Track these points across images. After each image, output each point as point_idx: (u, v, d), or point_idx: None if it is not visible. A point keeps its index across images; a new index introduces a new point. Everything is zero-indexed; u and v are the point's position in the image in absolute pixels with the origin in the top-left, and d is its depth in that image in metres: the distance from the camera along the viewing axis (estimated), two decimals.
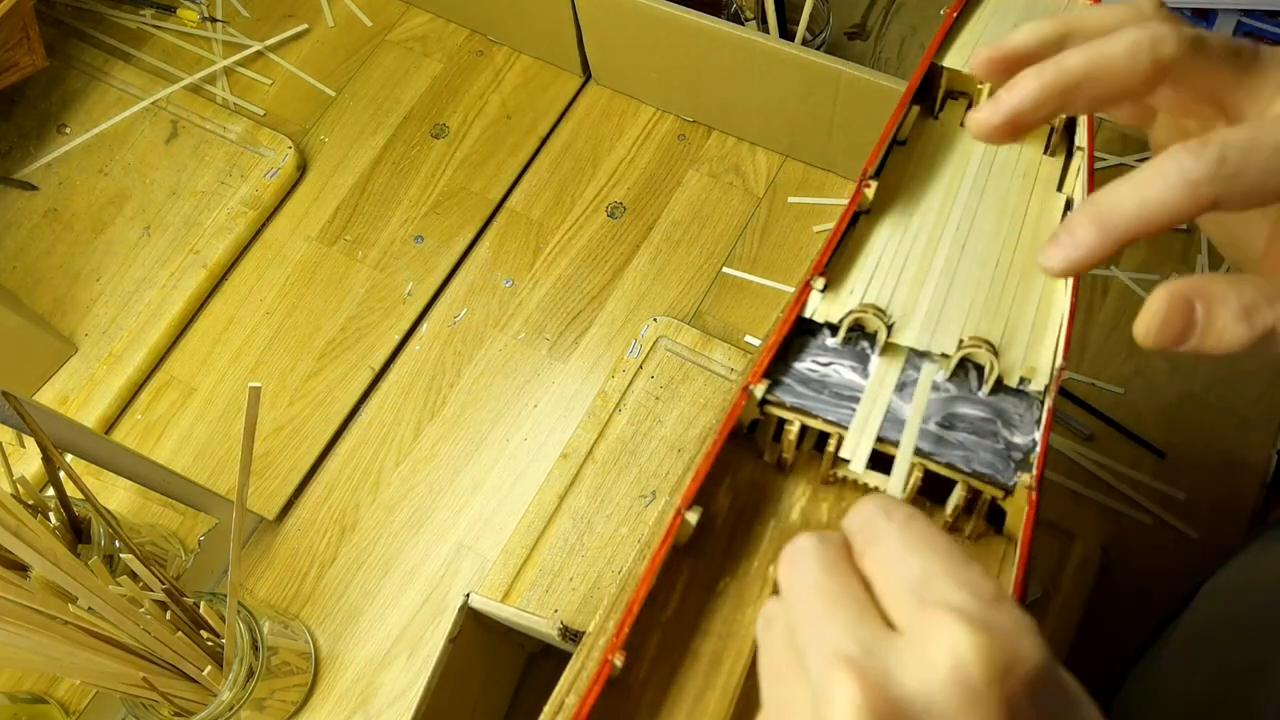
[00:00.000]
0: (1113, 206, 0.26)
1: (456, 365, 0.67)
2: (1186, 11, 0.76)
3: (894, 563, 0.24)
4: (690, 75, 0.69)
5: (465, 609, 0.46)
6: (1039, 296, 0.36)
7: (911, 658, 0.22)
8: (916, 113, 0.42)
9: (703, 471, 0.33)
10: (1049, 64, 0.27)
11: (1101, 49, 0.27)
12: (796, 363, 0.35)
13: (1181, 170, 0.25)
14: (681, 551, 0.34)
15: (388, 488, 0.64)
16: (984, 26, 0.43)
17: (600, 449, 0.62)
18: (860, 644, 0.22)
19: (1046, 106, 0.28)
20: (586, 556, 0.59)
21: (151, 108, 0.76)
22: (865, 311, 0.35)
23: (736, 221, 0.70)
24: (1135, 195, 0.26)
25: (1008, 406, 0.33)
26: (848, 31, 0.78)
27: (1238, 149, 0.25)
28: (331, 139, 0.75)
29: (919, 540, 0.24)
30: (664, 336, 0.65)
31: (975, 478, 0.32)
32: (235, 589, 0.47)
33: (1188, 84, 0.27)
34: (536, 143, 0.74)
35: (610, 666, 0.30)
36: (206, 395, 0.67)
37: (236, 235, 0.71)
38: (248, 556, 0.62)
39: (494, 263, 0.70)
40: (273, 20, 0.80)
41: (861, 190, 0.38)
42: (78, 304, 0.70)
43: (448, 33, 0.79)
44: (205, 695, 0.49)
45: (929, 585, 0.23)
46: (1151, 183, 0.25)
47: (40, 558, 0.40)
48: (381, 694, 0.58)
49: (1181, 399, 0.62)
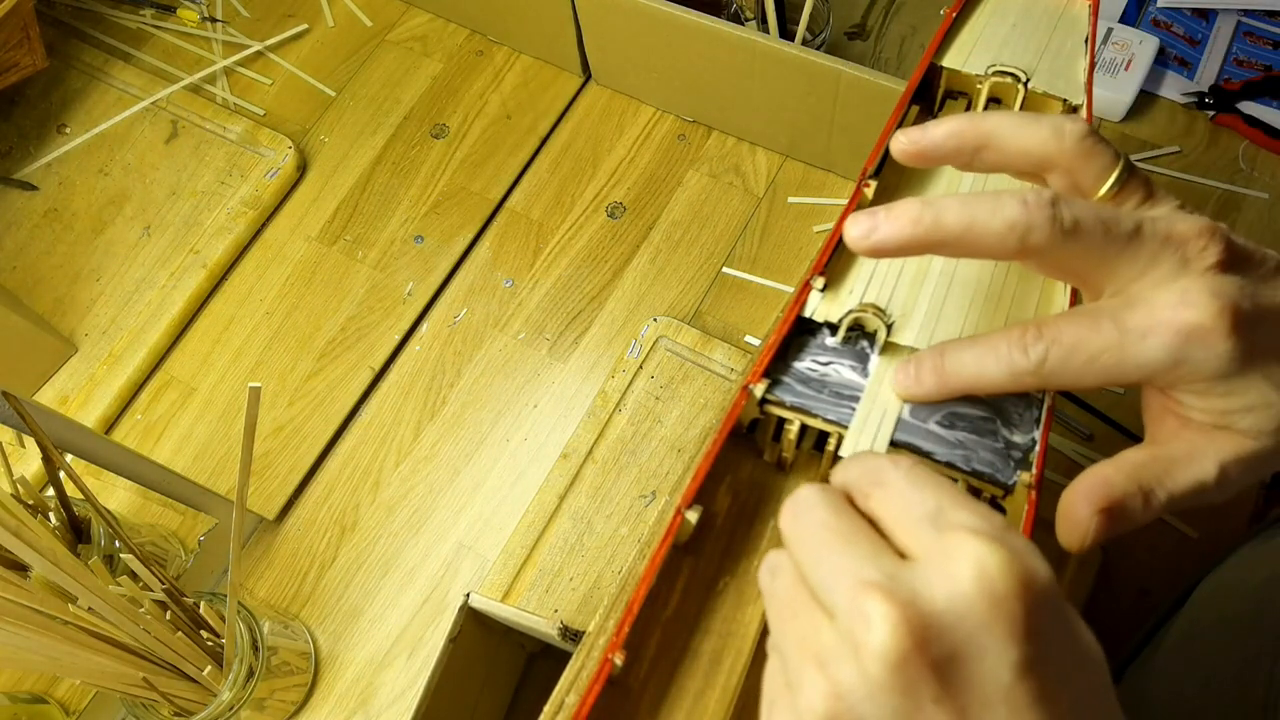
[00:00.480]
0: (955, 368, 0.31)
1: (456, 365, 0.67)
2: (1186, 11, 0.76)
3: (905, 499, 0.26)
4: (690, 75, 0.69)
5: (465, 609, 0.46)
6: (1038, 296, 0.36)
7: (936, 576, 0.23)
8: (916, 112, 0.42)
9: (703, 471, 0.33)
10: (929, 212, 0.29)
11: (979, 219, 0.28)
12: (796, 362, 0.35)
13: (1010, 360, 0.29)
14: (681, 551, 0.34)
15: (388, 488, 0.64)
16: (983, 26, 0.43)
17: (600, 449, 0.62)
18: (881, 570, 0.24)
19: (912, 249, 0.29)
20: (586, 556, 0.59)
21: (151, 108, 0.76)
22: (865, 311, 0.35)
23: (736, 221, 0.70)
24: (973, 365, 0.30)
25: (1007, 405, 0.33)
26: (848, 31, 0.78)
27: (1059, 352, 0.29)
28: (331, 139, 0.75)
29: (926, 479, 0.26)
30: (664, 336, 0.65)
31: (975, 477, 0.32)
32: (235, 589, 0.47)
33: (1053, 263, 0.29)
34: (536, 143, 0.74)
35: (610, 666, 0.30)
36: (206, 395, 0.67)
37: (236, 235, 0.71)
38: (248, 556, 0.62)
39: (494, 263, 0.70)
40: (273, 20, 0.81)
41: (861, 190, 0.38)
42: (78, 304, 0.70)
43: (448, 33, 0.79)
44: (205, 695, 0.49)
45: (943, 514, 0.25)
46: (986, 358, 0.30)
47: (40, 558, 0.40)
48: (381, 694, 0.58)
49: None
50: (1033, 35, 0.42)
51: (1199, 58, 0.74)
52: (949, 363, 0.31)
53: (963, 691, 0.22)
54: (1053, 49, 0.42)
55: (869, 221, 0.29)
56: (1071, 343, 0.28)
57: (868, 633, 0.22)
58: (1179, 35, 0.75)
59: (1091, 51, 0.42)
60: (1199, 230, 0.28)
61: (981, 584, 0.23)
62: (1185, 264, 0.28)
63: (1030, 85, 0.40)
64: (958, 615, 0.23)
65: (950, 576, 0.23)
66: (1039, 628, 0.23)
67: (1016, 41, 0.42)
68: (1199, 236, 0.28)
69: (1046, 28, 0.43)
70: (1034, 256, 0.28)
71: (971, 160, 0.31)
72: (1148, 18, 0.76)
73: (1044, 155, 0.30)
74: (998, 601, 0.22)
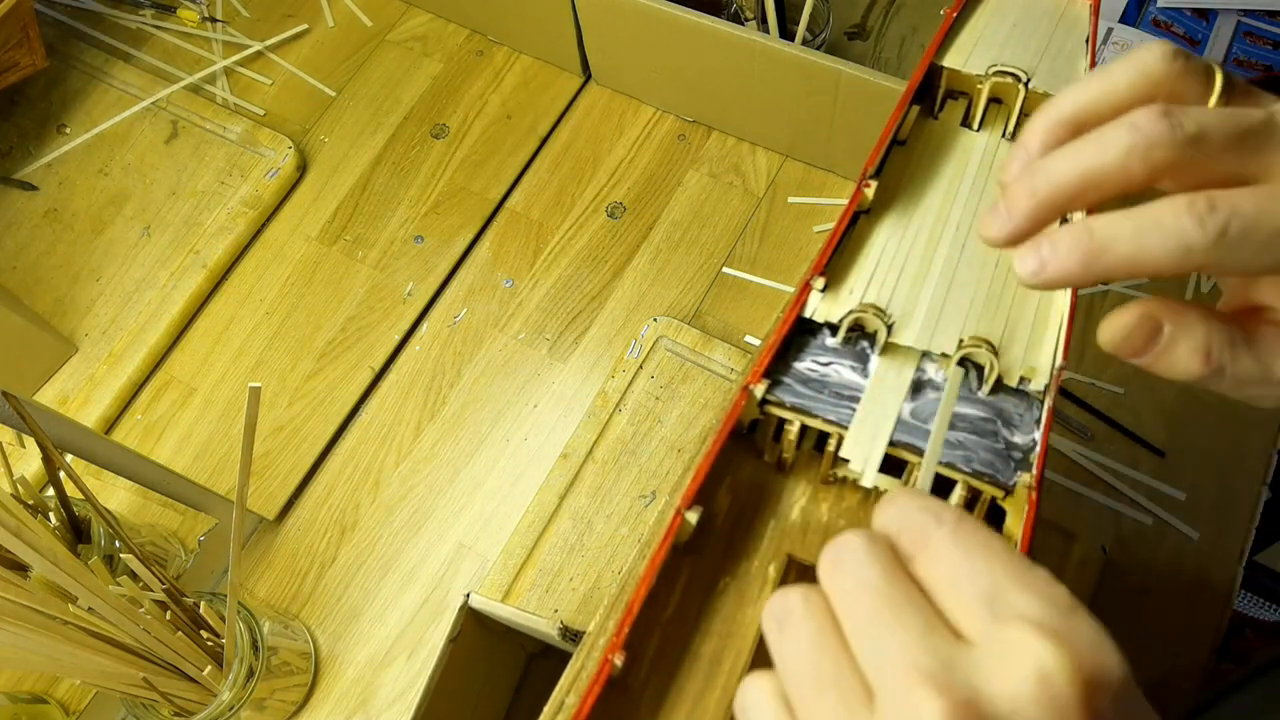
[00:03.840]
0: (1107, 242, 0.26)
1: (456, 365, 0.67)
2: (1186, 11, 0.76)
3: (955, 570, 0.23)
4: (690, 75, 0.69)
5: (465, 609, 0.46)
6: (1039, 296, 0.36)
7: (994, 673, 0.21)
8: (916, 112, 0.42)
9: (703, 471, 0.33)
10: (1041, 178, 0.27)
11: (1093, 159, 0.26)
12: (796, 362, 0.35)
13: (1182, 233, 0.25)
14: (681, 551, 0.34)
15: (388, 488, 0.64)
16: (984, 26, 0.43)
17: (600, 449, 0.62)
18: (936, 657, 0.22)
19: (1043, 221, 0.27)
20: (586, 556, 0.59)
21: (151, 108, 0.76)
22: (865, 311, 0.35)
23: (736, 221, 0.70)
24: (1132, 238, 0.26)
25: (1008, 406, 0.33)
26: (848, 31, 0.78)
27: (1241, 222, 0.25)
28: (331, 139, 0.75)
29: (976, 545, 0.23)
30: (664, 336, 0.65)
31: (975, 477, 0.32)
32: (235, 589, 0.47)
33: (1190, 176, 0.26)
34: (536, 143, 0.74)
35: (610, 666, 0.30)
36: (206, 395, 0.67)
37: (236, 235, 0.71)
38: (248, 556, 0.62)
39: (494, 263, 0.70)
40: (273, 20, 0.81)
41: (861, 190, 0.38)
42: (78, 304, 0.70)
43: (448, 33, 0.79)
44: (205, 695, 0.49)
45: (1000, 595, 0.22)
46: (1150, 232, 0.25)
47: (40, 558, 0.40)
48: (381, 694, 0.58)
49: (1181, 399, 0.62)
50: (1033, 35, 0.42)
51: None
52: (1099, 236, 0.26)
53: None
54: (1053, 49, 0.42)
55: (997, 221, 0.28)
56: (1253, 213, 0.25)
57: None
58: (1179, 35, 0.75)
59: (1092, 51, 0.42)
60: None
61: (1045, 690, 0.20)
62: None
63: (1031, 85, 0.40)
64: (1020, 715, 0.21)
65: (1008, 675, 0.21)
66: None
67: (1017, 41, 0.42)
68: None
69: (1047, 28, 0.43)
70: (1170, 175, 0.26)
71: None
72: (1148, 18, 0.76)
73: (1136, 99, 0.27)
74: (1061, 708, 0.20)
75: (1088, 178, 0.26)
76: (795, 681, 0.24)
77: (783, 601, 0.25)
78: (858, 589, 0.23)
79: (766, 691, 0.25)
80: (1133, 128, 0.25)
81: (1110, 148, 0.26)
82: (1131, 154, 0.25)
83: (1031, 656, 0.21)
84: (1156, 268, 0.26)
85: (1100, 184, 0.26)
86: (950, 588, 0.23)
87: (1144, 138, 0.25)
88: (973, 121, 0.41)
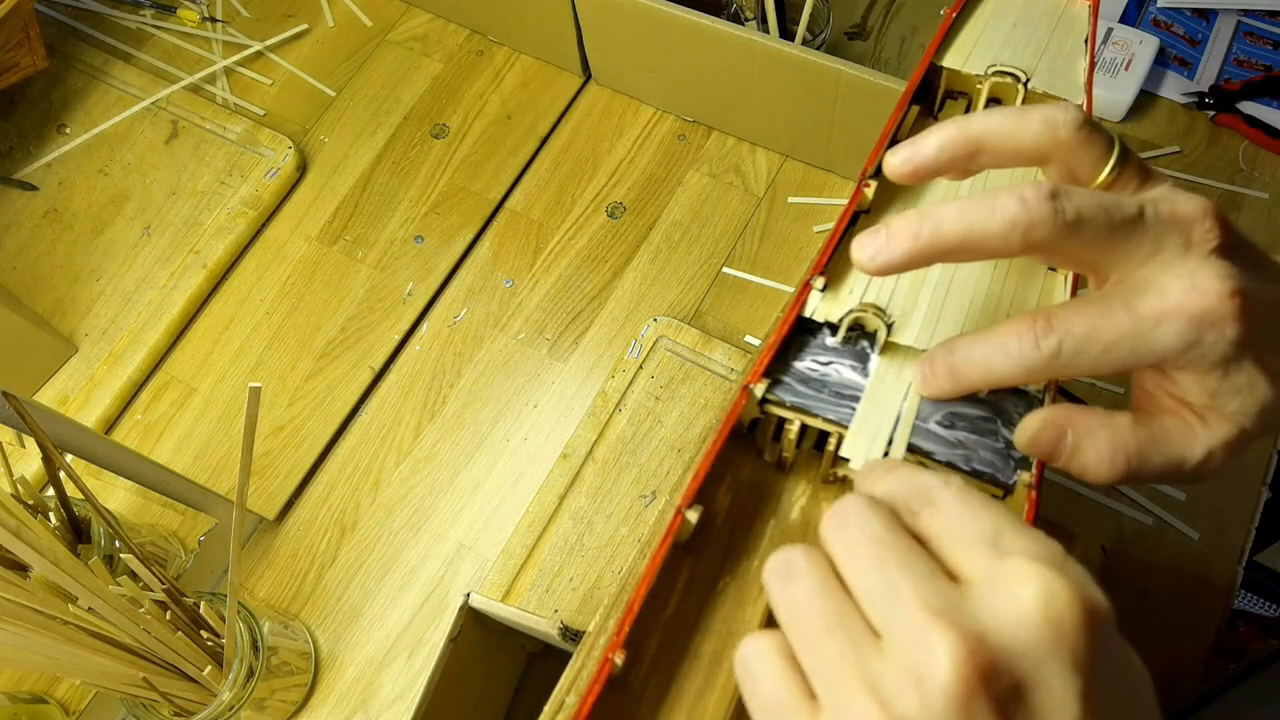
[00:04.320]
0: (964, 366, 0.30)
1: (456, 365, 0.67)
2: (1186, 11, 0.76)
3: (961, 519, 0.25)
4: (690, 75, 0.69)
5: (465, 609, 0.46)
6: (1038, 296, 0.36)
7: (999, 603, 0.22)
8: (916, 112, 0.42)
9: (703, 471, 0.33)
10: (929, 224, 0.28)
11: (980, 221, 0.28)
12: (796, 362, 0.35)
13: (1023, 355, 0.28)
14: (682, 551, 0.34)
15: (388, 488, 0.64)
16: (984, 27, 0.43)
17: (600, 449, 0.62)
18: (943, 597, 0.23)
19: (918, 262, 0.29)
20: (586, 556, 0.59)
21: (151, 108, 0.76)
22: (865, 311, 0.35)
23: (736, 221, 0.70)
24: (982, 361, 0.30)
25: (1008, 405, 0.33)
26: (848, 31, 0.78)
27: (1073, 342, 0.28)
28: (331, 139, 0.75)
29: (979, 500, 0.25)
30: (664, 336, 0.65)
31: (975, 476, 0.32)
32: (235, 589, 0.47)
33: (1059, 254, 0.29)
34: (536, 143, 0.74)
35: (611, 665, 0.30)
36: (206, 395, 0.67)
37: (236, 235, 0.71)
38: (248, 556, 0.62)
39: (494, 263, 0.70)
40: (273, 20, 0.81)
41: (861, 190, 0.38)
42: (78, 304, 0.70)
43: (448, 33, 0.79)
44: (205, 695, 0.49)
45: (1001, 536, 0.24)
46: (995, 355, 0.29)
47: (40, 558, 0.40)
48: (381, 694, 0.58)
49: None
50: (1033, 35, 0.42)
51: (1199, 58, 0.74)
52: (958, 361, 0.31)
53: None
54: (1053, 49, 0.42)
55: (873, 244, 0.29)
56: (1084, 333, 0.28)
57: (932, 664, 0.21)
58: (1179, 35, 0.75)
59: (1091, 51, 0.42)
60: (1201, 211, 0.28)
61: (1048, 613, 0.22)
62: (1189, 245, 0.28)
63: (1030, 85, 0.40)
64: (1024, 645, 0.22)
65: (1014, 604, 0.22)
66: (1102, 659, 0.22)
67: (1016, 41, 0.42)
68: (1203, 218, 0.28)
69: (1046, 28, 0.43)
70: (1040, 251, 0.28)
71: (967, 167, 0.31)
72: (1148, 18, 0.76)
73: (1039, 151, 0.30)
74: (1063, 631, 0.22)
75: (970, 237, 0.28)
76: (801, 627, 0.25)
77: (785, 556, 0.26)
78: (862, 540, 0.25)
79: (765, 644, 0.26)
80: (1022, 202, 0.27)
81: (998, 215, 0.27)
82: (1015, 227, 0.27)
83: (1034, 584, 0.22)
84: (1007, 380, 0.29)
85: (979, 246, 0.28)
86: (953, 534, 0.24)
87: (1028, 214, 0.27)
88: None
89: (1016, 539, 0.24)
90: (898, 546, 0.24)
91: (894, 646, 0.23)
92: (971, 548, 0.24)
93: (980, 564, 0.24)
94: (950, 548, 0.24)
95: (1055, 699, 0.22)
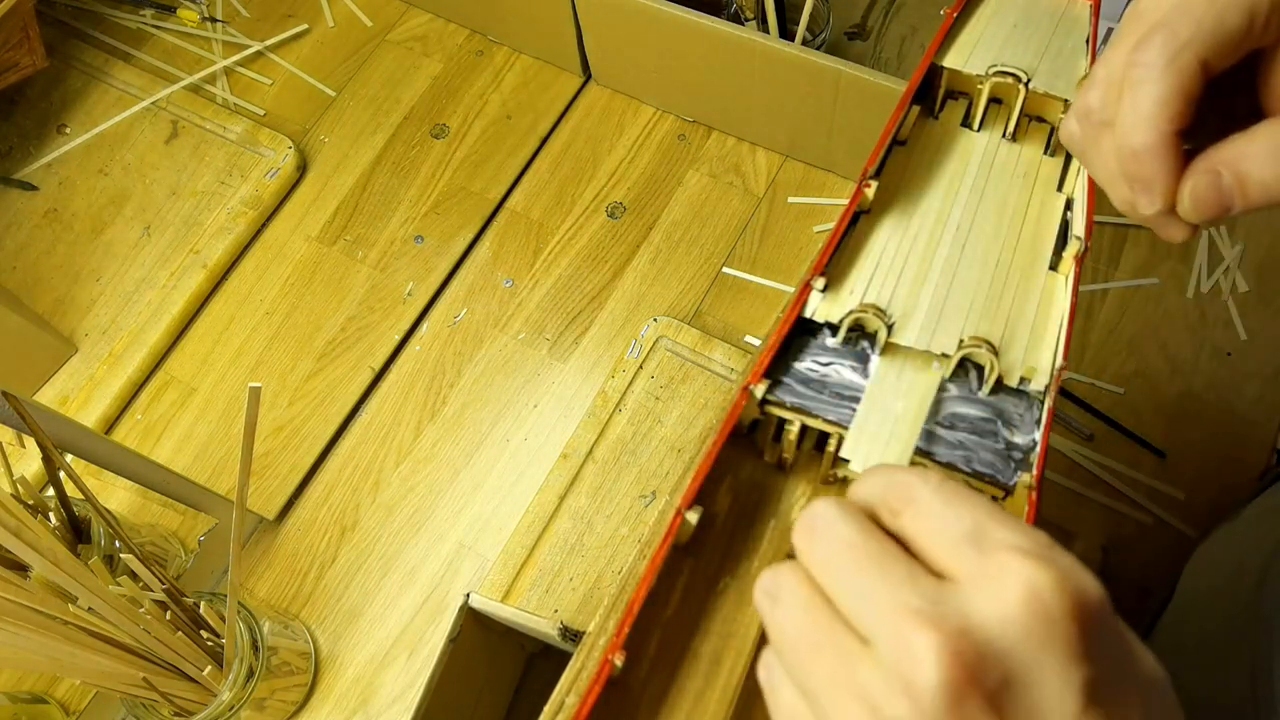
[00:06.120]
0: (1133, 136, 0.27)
1: (456, 365, 0.67)
2: None
3: (941, 516, 0.24)
4: (690, 75, 0.69)
5: (465, 609, 0.46)
6: (1039, 296, 0.36)
7: (983, 598, 0.22)
8: (916, 113, 0.42)
9: (703, 471, 0.33)
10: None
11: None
12: (797, 363, 0.35)
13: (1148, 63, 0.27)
14: (682, 551, 0.34)
15: (388, 488, 0.64)
16: (984, 27, 0.43)
17: (600, 449, 0.62)
18: (924, 596, 0.22)
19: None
20: (586, 556, 0.59)
21: (151, 108, 0.76)
22: (865, 311, 0.35)
23: (736, 221, 0.70)
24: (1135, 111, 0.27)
25: (1008, 406, 0.33)
26: (848, 31, 0.78)
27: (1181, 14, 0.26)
28: (331, 139, 0.75)
29: (959, 497, 0.24)
30: (664, 336, 0.65)
31: (976, 477, 0.32)
32: (235, 589, 0.47)
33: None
34: (536, 143, 0.74)
35: (611, 666, 0.30)
36: (206, 395, 0.67)
37: (236, 235, 0.71)
38: (248, 556, 0.62)
39: (494, 263, 0.70)
40: (273, 20, 0.80)
41: (861, 190, 0.38)
42: (78, 304, 0.70)
43: (448, 33, 0.79)
44: (205, 695, 0.49)
45: (984, 533, 0.23)
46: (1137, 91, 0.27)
47: (40, 558, 0.40)
48: (381, 694, 0.58)
49: (1181, 399, 0.62)
50: (1034, 35, 0.42)
51: None
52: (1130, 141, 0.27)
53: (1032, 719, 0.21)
54: (1053, 49, 0.42)
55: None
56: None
57: (916, 668, 0.21)
58: None
59: (1093, 52, 0.42)
60: None
61: (1033, 605, 0.21)
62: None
63: (1031, 85, 0.40)
64: (1011, 641, 0.21)
65: (999, 599, 0.21)
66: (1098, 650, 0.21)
67: (1017, 42, 0.42)
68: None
69: (1047, 28, 0.43)
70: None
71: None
72: None
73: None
74: (1052, 623, 0.21)
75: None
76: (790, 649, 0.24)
77: (773, 577, 0.25)
78: (835, 548, 0.24)
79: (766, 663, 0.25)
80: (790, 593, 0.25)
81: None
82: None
83: (1019, 576, 0.21)
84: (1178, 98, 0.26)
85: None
86: (935, 534, 0.24)
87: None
88: (973, 122, 0.41)
89: (999, 532, 0.23)
90: (871, 550, 0.24)
91: (879, 653, 0.22)
92: (955, 546, 0.23)
93: (963, 561, 0.23)
94: (932, 546, 0.24)
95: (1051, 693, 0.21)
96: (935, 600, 0.22)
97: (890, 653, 0.22)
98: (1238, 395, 0.62)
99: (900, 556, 0.24)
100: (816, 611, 0.24)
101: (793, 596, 0.24)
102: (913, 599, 0.22)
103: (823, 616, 0.24)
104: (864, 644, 0.23)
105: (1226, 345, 0.63)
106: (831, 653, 0.23)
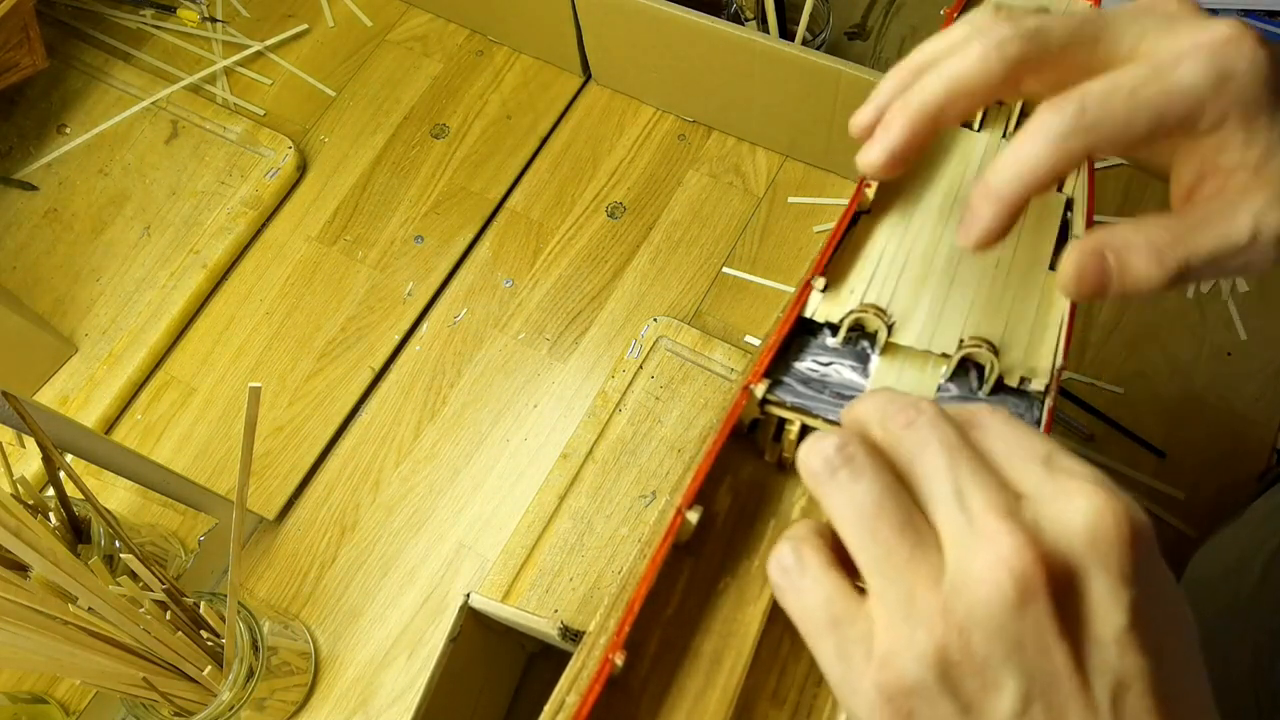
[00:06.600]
0: (998, 178, 0.28)
1: (456, 365, 0.67)
2: None
3: (1014, 440, 0.25)
4: (690, 75, 0.69)
5: (465, 609, 0.46)
6: (1039, 296, 0.36)
7: (1054, 512, 0.23)
8: None
9: (703, 471, 0.33)
10: (911, 94, 0.29)
11: (954, 67, 0.28)
12: (797, 362, 0.35)
13: (1046, 129, 0.27)
14: (682, 551, 0.34)
15: (388, 488, 0.64)
16: None
17: (600, 449, 0.62)
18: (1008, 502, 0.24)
19: (921, 133, 0.29)
20: (586, 556, 0.59)
21: (151, 108, 0.76)
22: (866, 311, 0.35)
23: (736, 221, 0.70)
24: (1014, 162, 0.28)
25: (1008, 406, 0.33)
26: (848, 31, 0.78)
27: (1096, 97, 0.27)
28: (331, 139, 0.75)
29: (1029, 428, 0.26)
30: (664, 336, 0.65)
31: None
32: (235, 589, 0.47)
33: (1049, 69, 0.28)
34: (536, 143, 0.74)
35: (611, 665, 0.30)
36: (206, 395, 0.67)
37: (236, 235, 0.71)
38: (248, 556, 0.62)
39: (494, 263, 0.70)
40: (273, 20, 0.81)
41: (861, 190, 0.38)
42: (78, 304, 0.70)
43: (448, 33, 0.79)
44: (205, 695, 0.49)
45: (1054, 459, 0.25)
46: (1023, 146, 0.27)
47: (40, 558, 0.40)
48: (381, 694, 0.58)
49: (1181, 399, 0.62)
50: None
51: None
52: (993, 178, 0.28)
53: (1079, 627, 0.23)
54: None
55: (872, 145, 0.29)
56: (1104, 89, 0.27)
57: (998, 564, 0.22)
58: None
59: None
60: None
61: (1099, 526, 0.23)
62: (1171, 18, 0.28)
63: None
64: (1077, 553, 0.23)
65: (1068, 516, 0.23)
66: (1146, 578, 0.23)
67: None
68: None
69: None
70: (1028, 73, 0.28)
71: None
72: None
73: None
74: (1113, 544, 0.23)
75: (955, 86, 0.28)
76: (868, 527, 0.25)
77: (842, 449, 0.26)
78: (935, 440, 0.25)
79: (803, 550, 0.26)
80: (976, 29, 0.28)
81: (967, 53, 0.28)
82: (987, 56, 0.28)
83: (1089, 499, 0.23)
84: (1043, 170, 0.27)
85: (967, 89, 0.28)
86: (1008, 454, 0.25)
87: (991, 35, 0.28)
88: (973, 121, 0.41)
89: (1067, 460, 0.25)
90: (969, 453, 0.25)
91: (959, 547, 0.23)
92: (1026, 464, 0.25)
93: (1034, 479, 0.24)
94: (1005, 464, 0.25)
95: (1105, 607, 0.23)
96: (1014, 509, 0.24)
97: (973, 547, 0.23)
98: (1237, 395, 0.62)
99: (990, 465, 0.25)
100: (901, 497, 0.25)
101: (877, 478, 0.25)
102: (1000, 500, 0.24)
103: (906, 502, 0.25)
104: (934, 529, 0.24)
105: (1226, 345, 0.63)
106: (914, 536, 0.24)
